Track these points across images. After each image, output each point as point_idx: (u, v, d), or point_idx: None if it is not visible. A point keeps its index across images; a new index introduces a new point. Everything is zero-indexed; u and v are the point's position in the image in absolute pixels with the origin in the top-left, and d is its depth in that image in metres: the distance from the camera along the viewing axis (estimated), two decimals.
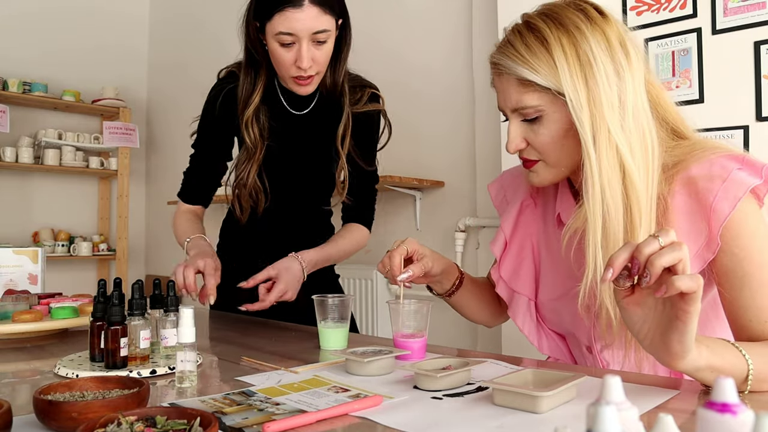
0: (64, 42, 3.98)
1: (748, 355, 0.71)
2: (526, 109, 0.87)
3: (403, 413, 0.66)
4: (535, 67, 0.84)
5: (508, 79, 0.89)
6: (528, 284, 1.05)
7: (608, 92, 0.83)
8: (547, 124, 0.87)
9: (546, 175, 0.93)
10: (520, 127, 0.90)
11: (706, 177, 0.83)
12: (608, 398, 0.40)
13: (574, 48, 0.84)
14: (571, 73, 0.83)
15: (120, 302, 0.87)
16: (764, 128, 1.60)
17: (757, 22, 1.61)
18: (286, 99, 1.43)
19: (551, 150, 0.89)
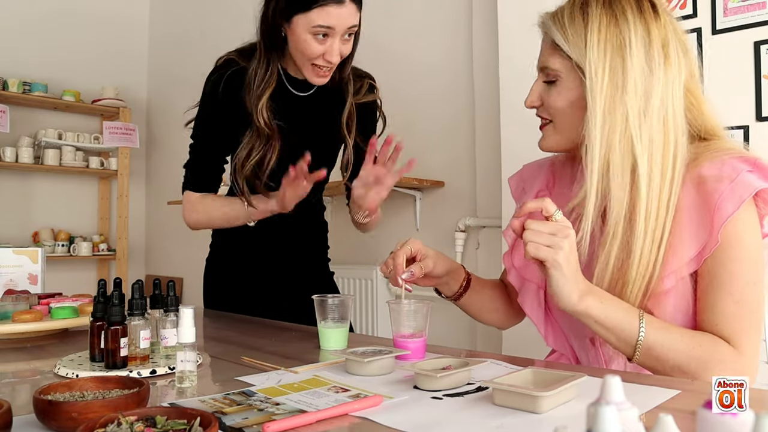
0: (64, 42, 3.98)
1: (646, 325, 0.83)
2: (548, 69, 0.94)
3: (403, 413, 0.66)
4: (568, 36, 0.90)
5: (546, 40, 0.96)
6: (538, 272, 1.04)
7: (635, 81, 0.86)
8: (561, 89, 0.93)
9: (552, 139, 0.98)
10: (541, 86, 0.98)
11: (715, 177, 0.85)
12: (608, 398, 0.40)
13: (612, 30, 0.87)
14: (599, 51, 0.87)
15: (120, 302, 0.87)
16: (764, 128, 1.60)
17: (757, 22, 1.61)
18: (289, 81, 1.44)
19: (560, 114, 0.94)
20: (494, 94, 2.17)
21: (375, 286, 2.54)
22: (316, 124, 1.46)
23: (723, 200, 0.82)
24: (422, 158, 2.53)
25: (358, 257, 2.76)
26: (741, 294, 0.83)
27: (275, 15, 1.31)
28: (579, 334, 1.01)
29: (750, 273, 0.84)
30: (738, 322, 0.84)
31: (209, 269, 1.65)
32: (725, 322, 0.84)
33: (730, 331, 0.84)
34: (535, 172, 1.16)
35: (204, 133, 1.47)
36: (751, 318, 0.85)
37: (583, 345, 1.01)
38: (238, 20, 3.53)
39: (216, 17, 3.74)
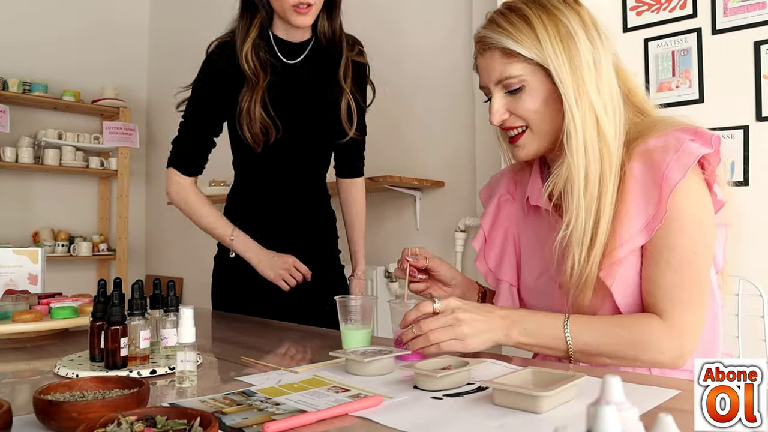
0: (64, 42, 3.98)
1: (571, 332, 0.89)
2: (510, 79, 0.94)
3: (403, 413, 0.66)
4: (519, 39, 0.92)
5: (492, 54, 0.95)
6: (510, 271, 1.12)
7: (586, 57, 0.92)
8: (530, 92, 0.94)
9: (532, 145, 0.98)
10: (504, 99, 0.97)
11: (661, 148, 0.89)
12: (608, 398, 0.40)
13: (554, 23, 0.92)
14: (552, 44, 0.91)
15: (120, 302, 0.87)
16: (764, 128, 1.60)
17: (757, 22, 1.61)
18: (281, 51, 1.50)
19: (534, 116, 0.95)
20: None
21: (375, 286, 2.53)
22: (312, 85, 1.51)
23: (670, 170, 0.87)
24: (422, 158, 2.53)
25: None
26: (680, 264, 0.87)
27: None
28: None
29: (691, 244, 0.88)
30: (677, 291, 0.87)
31: (218, 266, 1.65)
32: (663, 293, 0.88)
33: (666, 303, 0.88)
34: (499, 181, 1.20)
35: (196, 107, 1.52)
36: (692, 288, 0.88)
37: None
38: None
39: (216, 17, 3.74)
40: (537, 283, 1.07)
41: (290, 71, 1.50)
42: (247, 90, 1.43)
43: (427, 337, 0.87)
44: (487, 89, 0.99)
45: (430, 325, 0.88)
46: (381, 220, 2.68)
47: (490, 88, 0.98)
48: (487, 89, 1.00)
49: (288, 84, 1.50)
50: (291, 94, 1.49)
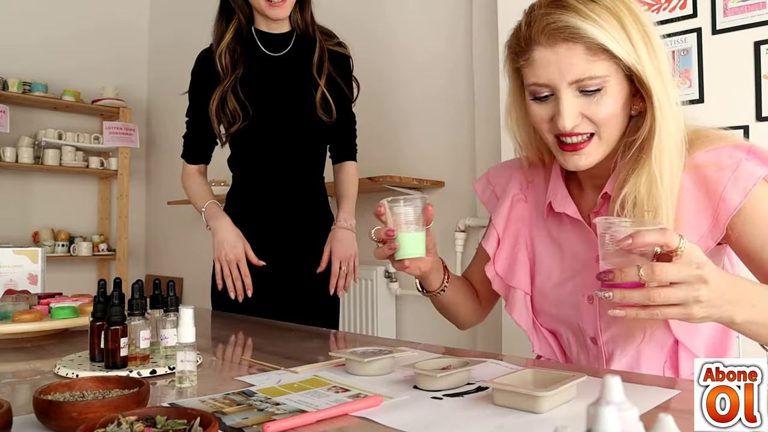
0: (64, 42, 3.98)
1: None
2: (593, 79, 0.82)
3: (403, 413, 0.66)
4: (611, 33, 0.80)
5: (572, 47, 0.81)
6: (524, 278, 1.03)
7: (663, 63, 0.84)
8: (611, 94, 0.84)
9: (596, 153, 0.88)
10: (577, 101, 0.84)
11: (714, 165, 0.84)
12: (608, 398, 0.40)
13: (636, 18, 0.82)
14: (643, 43, 0.82)
15: (120, 302, 0.87)
16: (764, 128, 1.60)
17: (757, 22, 1.61)
18: (264, 43, 1.58)
19: (609, 122, 0.86)
20: (494, 94, 2.17)
21: (375, 286, 2.53)
22: (293, 81, 1.57)
23: (728, 191, 0.82)
24: (422, 158, 2.53)
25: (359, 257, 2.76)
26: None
27: None
28: (579, 335, 0.99)
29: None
30: None
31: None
32: None
33: None
34: (505, 175, 1.11)
35: (193, 107, 1.63)
36: None
37: (583, 346, 0.99)
38: None
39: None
40: (556, 292, 1.00)
41: (272, 63, 1.58)
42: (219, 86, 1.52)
43: (649, 293, 0.68)
44: (549, 87, 0.85)
45: (668, 273, 0.68)
46: None
47: (557, 86, 0.84)
48: (548, 87, 0.86)
49: (267, 75, 1.56)
50: (268, 84, 1.56)
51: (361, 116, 2.71)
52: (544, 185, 1.04)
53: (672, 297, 0.68)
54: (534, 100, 0.88)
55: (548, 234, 1.02)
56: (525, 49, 0.87)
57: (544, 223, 1.02)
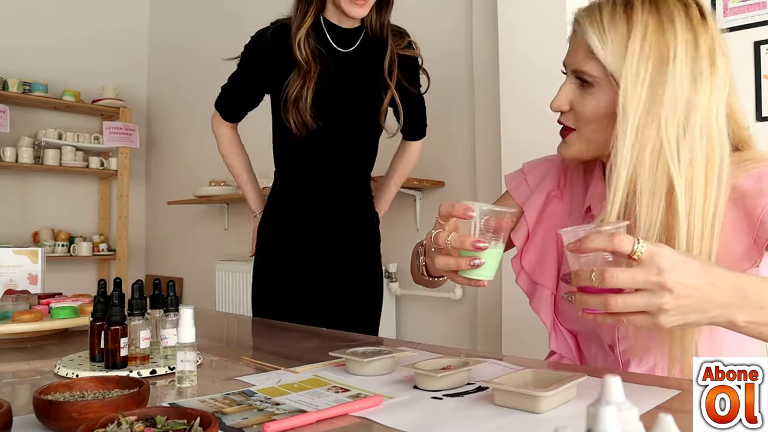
0: (64, 42, 3.98)
1: None
2: (585, 74, 0.85)
3: (403, 413, 0.66)
4: (606, 40, 0.81)
5: (579, 42, 0.86)
6: (551, 277, 1.00)
7: (676, 94, 0.78)
8: (597, 95, 0.85)
9: (576, 148, 0.90)
10: (572, 90, 0.89)
11: (755, 191, 0.82)
12: (608, 398, 0.40)
13: (657, 37, 0.79)
14: (639, 61, 0.79)
15: (120, 302, 0.87)
16: (764, 128, 1.60)
17: (757, 22, 1.61)
18: (333, 37, 1.54)
19: (589, 122, 0.87)
20: (494, 93, 2.17)
21: None
22: (360, 77, 1.56)
23: (766, 214, 0.80)
24: (422, 158, 2.53)
25: None
26: None
27: None
28: (597, 341, 0.97)
29: None
30: None
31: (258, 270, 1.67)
32: None
33: None
34: (542, 168, 1.08)
35: (245, 68, 1.61)
36: None
37: (601, 350, 0.97)
38: (237, 20, 3.54)
39: (216, 18, 3.74)
40: None
41: (342, 60, 1.54)
42: (298, 77, 1.47)
43: (606, 300, 0.64)
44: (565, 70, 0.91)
45: (620, 279, 0.63)
46: (381, 220, 2.68)
47: (567, 71, 0.90)
48: (566, 68, 0.91)
49: (338, 73, 1.53)
50: (340, 84, 1.53)
51: None
52: (583, 187, 1.01)
53: (632, 305, 0.64)
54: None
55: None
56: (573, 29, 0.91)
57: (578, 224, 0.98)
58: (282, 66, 1.50)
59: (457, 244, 0.74)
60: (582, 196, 1.01)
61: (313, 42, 1.49)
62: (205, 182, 3.44)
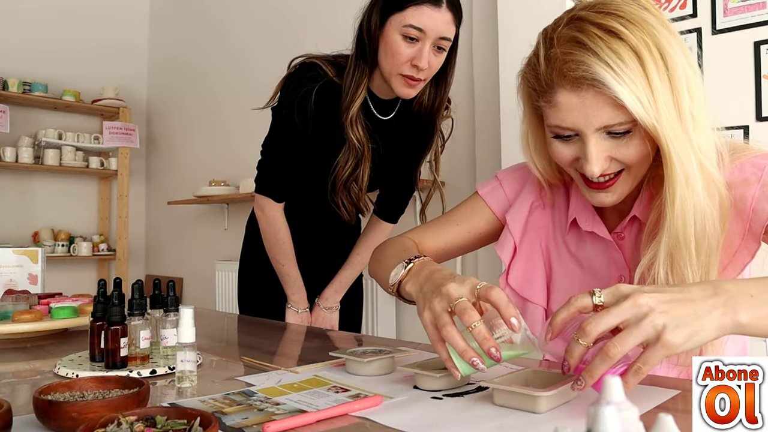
0: (64, 42, 3.98)
1: None
2: (622, 124, 0.77)
3: (403, 413, 0.66)
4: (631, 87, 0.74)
5: (597, 94, 0.76)
6: (541, 293, 0.97)
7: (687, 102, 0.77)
8: (635, 138, 0.79)
9: (623, 188, 0.84)
10: (604, 144, 0.80)
11: (740, 181, 0.82)
12: (608, 398, 0.40)
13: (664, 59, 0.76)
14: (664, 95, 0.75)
15: (120, 302, 0.87)
16: (764, 128, 1.60)
17: (757, 22, 1.61)
18: (374, 103, 1.41)
19: (638, 161, 0.81)
20: (494, 93, 2.17)
21: (375, 285, 2.53)
22: (396, 145, 1.46)
23: (757, 202, 0.80)
24: None
25: None
26: None
27: (370, 18, 1.30)
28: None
29: None
30: None
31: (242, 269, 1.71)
32: None
33: None
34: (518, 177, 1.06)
35: (285, 141, 1.43)
36: None
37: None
38: (237, 21, 3.54)
39: (217, 18, 3.74)
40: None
41: (384, 130, 1.43)
42: (350, 158, 1.35)
43: (604, 350, 0.60)
44: (575, 131, 0.80)
45: (599, 322, 0.61)
46: None
47: (583, 131, 0.79)
48: (572, 131, 0.81)
49: (384, 147, 1.43)
50: (386, 157, 1.45)
51: None
52: (565, 196, 1.00)
53: (627, 340, 0.60)
54: (556, 139, 0.83)
55: (566, 249, 0.98)
56: (546, 90, 0.81)
57: (563, 238, 0.98)
58: (327, 129, 1.37)
59: (478, 336, 0.67)
60: (564, 207, 0.99)
61: (361, 116, 1.35)
62: (205, 182, 3.44)
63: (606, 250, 0.93)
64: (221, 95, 3.68)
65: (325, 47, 1.51)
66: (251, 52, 3.43)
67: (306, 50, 1.49)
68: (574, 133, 0.81)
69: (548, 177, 0.97)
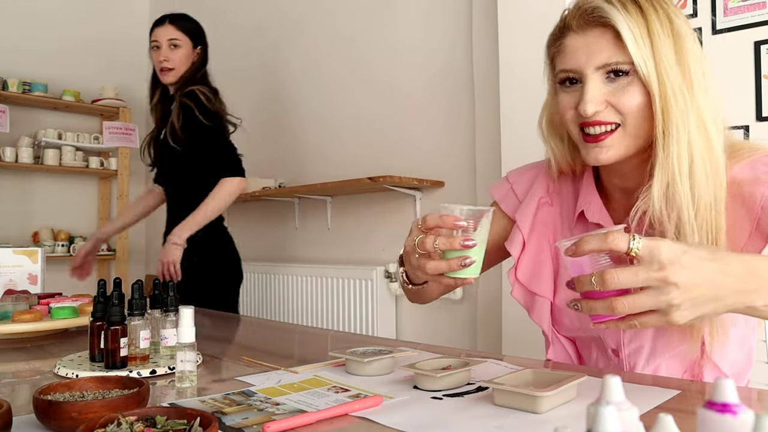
0: (64, 42, 3.97)
1: None
2: (621, 64, 0.80)
3: (403, 413, 0.66)
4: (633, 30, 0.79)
5: (602, 32, 0.81)
6: (548, 286, 0.99)
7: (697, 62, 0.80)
8: (633, 85, 0.81)
9: (619, 147, 0.84)
10: (603, 86, 0.82)
11: (751, 181, 0.82)
12: (608, 398, 0.40)
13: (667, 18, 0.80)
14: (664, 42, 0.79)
15: (120, 302, 0.87)
16: (764, 128, 1.60)
17: (757, 22, 1.61)
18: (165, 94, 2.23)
19: (635, 113, 0.81)
20: (494, 93, 2.17)
21: (375, 286, 2.53)
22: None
23: (767, 201, 0.80)
24: (422, 158, 2.53)
25: (358, 257, 2.76)
26: None
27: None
28: (599, 347, 0.97)
29: None
30: None
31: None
32: None
33: None
34: (528, 177, 1.07)
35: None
36: None
37: (603, 356, 0.97)
38: (237, 20, 3.54)
39: (215, 18, 3.74)
40: None
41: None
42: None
43: (612, 303, 0.62)
44: (577, 73, 0.83)
45: (621, 279, 0.61)
46: (381, 220, 2.68)
47: (584, 71, 0.82)
48: (576, 72, 0.84)
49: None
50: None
51: (361, 116, 2.72)
52: (572, 192, 1.00)
53: (639, 305, 0.62)
54: (561, 86, 0.86)
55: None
56: (559, 37, 0.86)
57: (570, 231, 0.99)
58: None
59: (447, 246, 0.73)
60: (572, 201, 1.00)
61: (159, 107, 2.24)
62: None
63: None
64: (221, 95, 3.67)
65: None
66: (251, 52, 3.43)
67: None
68: (577, 80, 0.84)
69: (560, 159, 0.98)
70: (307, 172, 3.04)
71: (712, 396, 0.38)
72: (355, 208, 2.80)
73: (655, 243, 0.62)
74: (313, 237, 3.02)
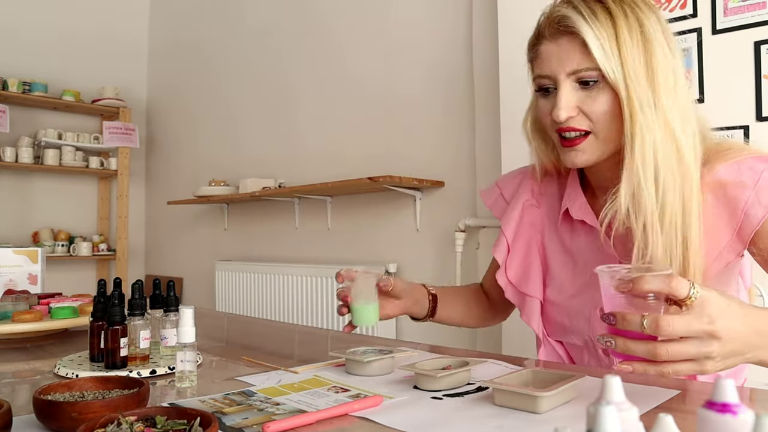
0: (64, 42, 3.98)
1: None
2: (589, 70, 0.83)
3: (403, 413, 0.66)
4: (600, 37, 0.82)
5: (572, 40, 0.84)
6: (537, 286, 1.02)
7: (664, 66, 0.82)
8: (603, 91, 0.84)
9: (592, 152, 0.87)
10: (574, 93, 0.86)
11: (736, 183, 0.83)
12: (608, 398, 0.40)
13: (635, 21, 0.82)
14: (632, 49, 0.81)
15: (120, 302, 0.87)
16: (764, 128, 1.60)
17: (757, 22, 1.61)
18: None
19: (605, 120, 0.85)
20: (494, 93, 2.17)
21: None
22: None
23: (750, 206, 0.81)
24: (422, 158, 2.53)
25: (358, 257, 2.76)
26: None
27: None
28: (590, 345, 0.98)
29: None
30: None
31: None
32: None
33: None
34: (515, 180, 1.10)
35: None
36: None
37: (594, 355, 0.98)
38: (237, 21, 3.54)
39: (216, 17, 3.74)
40: (571, 302, 0.98)
41: None
42: None
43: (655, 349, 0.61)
44: (551, 79, 0.88)
45: (675, 328, 0.61)
46: (381, 221, 2.68)
47: (557, 78, 0.86)
48: (550, 79, 0.88)
49: None
50: None
51: (362, 116, 2.73)
52: (558, 192, 1.03)
53: (681, 353, 0.62)
54: (539, 93, 0.90)
55: (560, 242, 1.01)
56: (535, 43, 0.91)
57: (557, 230, 1.01)
58: None
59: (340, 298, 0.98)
60: (558, 201, 1.02)
61: None
62: (205, 182, 3.44)
63: (597, 241, 0.95)
64: (221, 96, 3.68)
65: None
66: (251, 52, 3.43)
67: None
68: (553, 86, 0.88)
69: (544, 158, 1.01)
70: (307, 172, 3.04)
71: (712, 396, 0.38)
72: (355, 208, 2.80)
73: (707, 294, 0.63)
74: (313, 237, 3.02)
